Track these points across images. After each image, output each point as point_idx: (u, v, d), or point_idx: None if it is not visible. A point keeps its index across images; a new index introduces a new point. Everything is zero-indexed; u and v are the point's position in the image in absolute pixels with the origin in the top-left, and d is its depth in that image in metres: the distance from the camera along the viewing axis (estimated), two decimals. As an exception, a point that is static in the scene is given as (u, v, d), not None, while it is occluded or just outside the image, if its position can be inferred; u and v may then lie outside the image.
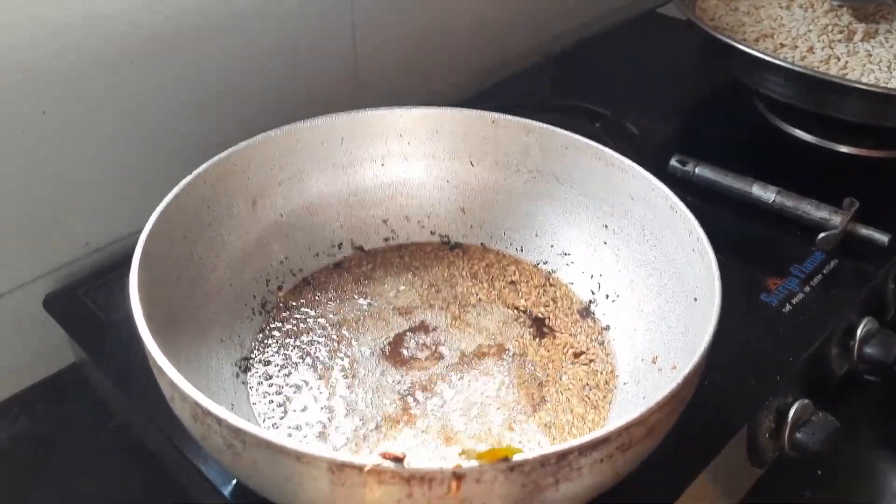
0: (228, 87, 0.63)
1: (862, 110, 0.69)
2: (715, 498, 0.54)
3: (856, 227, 0.65)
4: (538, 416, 0.47)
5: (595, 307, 0.53)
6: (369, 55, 0.73)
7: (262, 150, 0.53)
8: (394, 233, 0.58)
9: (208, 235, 0.50)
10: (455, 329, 0.52)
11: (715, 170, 0.69)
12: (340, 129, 0.56)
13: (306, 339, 0.51)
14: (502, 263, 0.57)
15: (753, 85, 0.74)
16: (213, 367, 0.47)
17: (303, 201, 0.56)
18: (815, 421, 0.55)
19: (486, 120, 0.56)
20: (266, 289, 0.53)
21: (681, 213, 0.48)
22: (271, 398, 0.47)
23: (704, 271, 0.45)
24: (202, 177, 0.49)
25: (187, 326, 0.47)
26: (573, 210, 0.55)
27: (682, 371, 0.38)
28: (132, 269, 0.42)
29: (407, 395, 0.48)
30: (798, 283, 0.62)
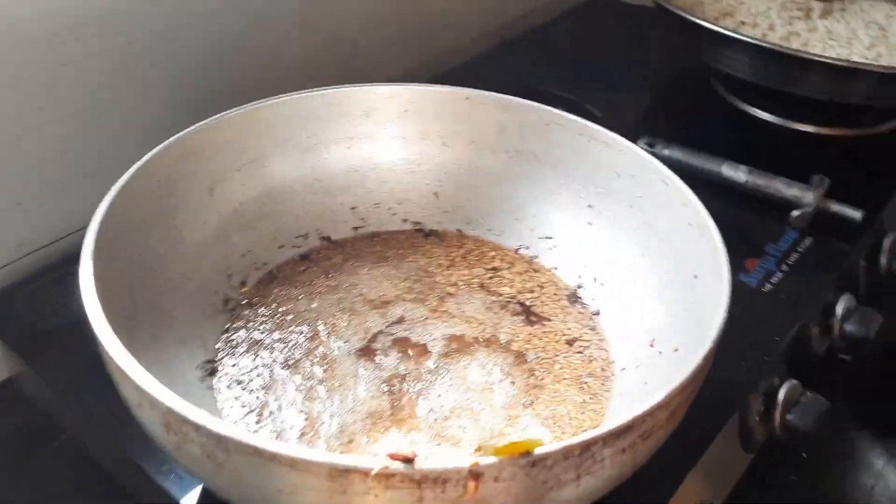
0: (173, 69, 0.58)
1: (825, 86, 0.68)
2: (710, 486, 0.52)
3: (827, 203, 0.64)
4: (535, 409, 0.44)
5: (583, 292, 0.51)
6: (317, 43, 0.69)
7: (219, 131, 0.48)
8: (363, 221, 0.54)
9: (163, 226, 0.45)
10: (437, 321, 0.49)
11: (684, 151, 0.68)
12: (303, 109, 0.51)
13: (276, 338, 0.47)
14: (481, 250, 0.54)
15: (716, 64, 0.73)
16: (176, 372, 0.42)
17: (264, 188, 0.51)
18: (804, 402, 0.54)
19: (458, 97, 0.52)
20: (228, 284, 0.49)
21: (674, 186, 0.45)
22: (243, 403, 0.43)
23: (706, 245, 0.43)
24: (155, 161, 0.44)
25: (144, 328, 0.42)
26: (555, 190, 0.52)
27: (701, 349, 0.36)
28: (83, 263, 0.37)
29: (392, 393, 0.44)
30: (775, 263, 0.61)
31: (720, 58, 0.72)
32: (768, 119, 0.76)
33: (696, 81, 0.81)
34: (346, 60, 0.71)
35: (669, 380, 0.41)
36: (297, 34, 0.66)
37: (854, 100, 0.69)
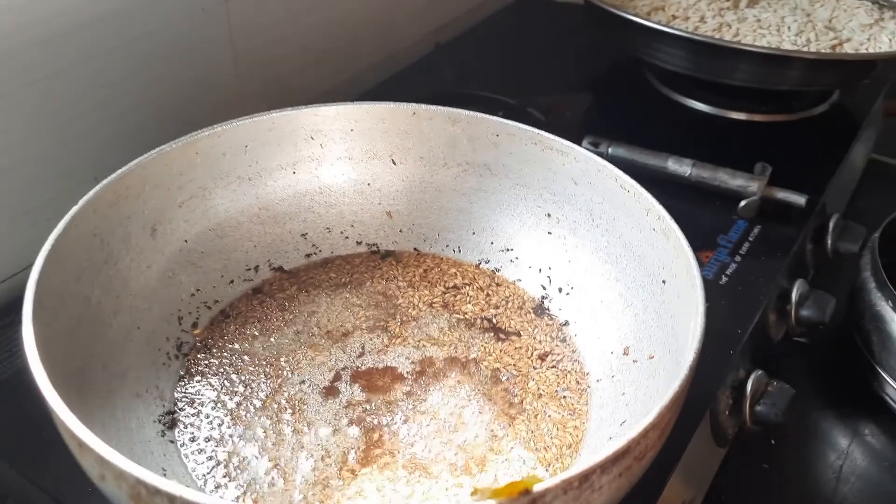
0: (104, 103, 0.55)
1: (759, 75, 0.69)
2: (689, 486, 0.52)
3: (772, 191, 0.64)
4: (515, 430, 0.42)
5: (549, 303, 0.50)
6: (249, 59, 0.66)
7: (157, 167, 0.45)
8: (315, 247, 0.52)
9: (105, 275, 0.43)
10: (402, 347, 0.47)
11: (628, 148, 0.67)
12: (244, 136, 0.49)
13: (236, 381, 0.45)
14: (441, 267, 0.52)
15: (650, 59, 0.73)
16: (134, 429, 0.40)
17: (208, 223, 0.49)
18: (771, 391, 0.54)
19: (405, 112, 0.51)
20: (180, 328, 0.46)
21: (634, 192, 0.45)
22: (208, 455, 0.41)
23: (672, 251, 0.42)
24: (91, 205, 0.41)
25: (96, 385, 0.39)
26: (511, 202, 0.51)
27: (684, 361, 0.35)
28: (25, 326, 0.34)
29: (363, 429, 0.42)
30: (728, 254, 0.61)
31: (654, 52, 0.72)
32: (703, 109, 0.77)
33: (631, 76, 0.81)
34: (281, 81, 0.69)
35: (647, 388, 0.41)
36: (229, 58, 0.63)
37: (787, 86, 0.70)
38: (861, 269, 0.65)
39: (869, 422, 0.62)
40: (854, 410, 0.63)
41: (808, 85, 0.72)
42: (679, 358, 0.39)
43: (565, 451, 0.41)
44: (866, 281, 0.63)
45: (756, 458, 0.60)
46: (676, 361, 0.39)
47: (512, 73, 0.81)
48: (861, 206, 0.80)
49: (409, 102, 0.51)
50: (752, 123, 0.76)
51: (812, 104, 0.76)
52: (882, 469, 0.59)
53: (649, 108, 0.78)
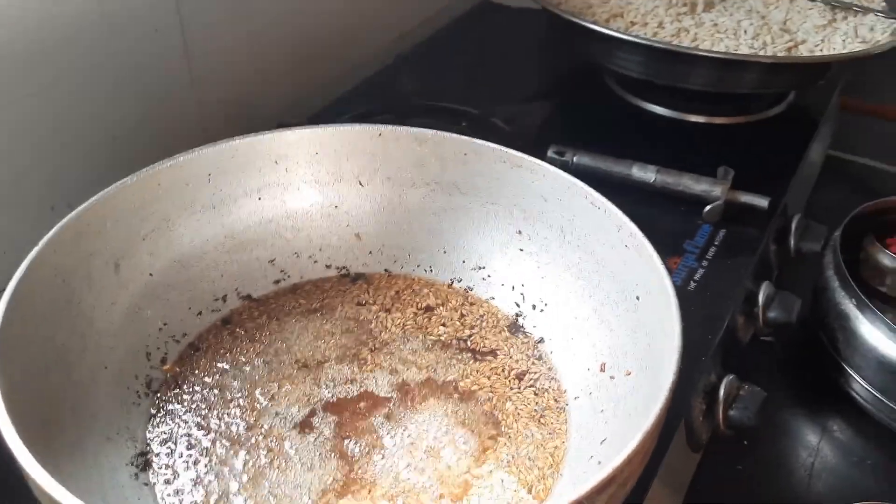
0: (56, 133, 0.53)
1: (718, 79, 0.70)
2: (668, 494, 0.52)
3: (736, 194, 0.65)
4: (496, 453, 0.42)
5: (523, 320, 0.49)
6: (207, 79, 0.65)
7: (118, 201, 0.44)
8: (284, 273, 0.52)
9: (69, 316, 0.41)
10: (377, 373, 0.47)
11: (593, 156, 0.67)
12: (206, 165, 0.48)
13: (208, 418, 0.44)
14: (413, 288, 0.52)
15: (610, 65, 0.73)
16: (106, 474, 0.39)
17: (173, 254, 0.48)
18: (743, 395, 0.55)
19: (371, 134, 0.50)
20: (148, 364, 0.45)
21: (605, 209, 0.45)
22: (185, 496, 0.40)
23: (644, 267, 0.42)
24: (51, 246, 0.40)
25: (65, 432, 0.38)
26: (481, 220, 0.51)
27: (664, 380, 0.35)
28: (-10, 380, 0.33)
29: (343, 459, 0.42)
30: (695, 259, 0.61)
31: (614, 59, 0.73)
32: (663, 113, 0.77)
33: (591, 81, 0.82)
34: (240, 100, 0.68)
35: (625, 405, 0.41)
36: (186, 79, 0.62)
37: (745, 89, 0.71)
38: (824, 267, 0.66)
39: (837, 418, 0.63)
40: (822, 407, 0.64)
41: (766, 88, 0.73)
42: (657, 374, 0.39)
43: (547, 472, 0.41)
44: (829, 280, 0.64)
45: (730, 461, 0.61)
46: (654, 377, 0.39)
47: (473, 83, 0.81)
48: (820, 202, 0.81)
49: (375, 123, 0.50)
50: (712, 126, 0.77)
51: (769, 105, 0.78)
52: (851, 464, 0.60)
53: (610, 113, 0.79)
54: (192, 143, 0.49)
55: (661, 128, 0.76)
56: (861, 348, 0.61)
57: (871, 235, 0.66)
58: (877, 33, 0.72)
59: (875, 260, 0.66)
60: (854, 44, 0.71)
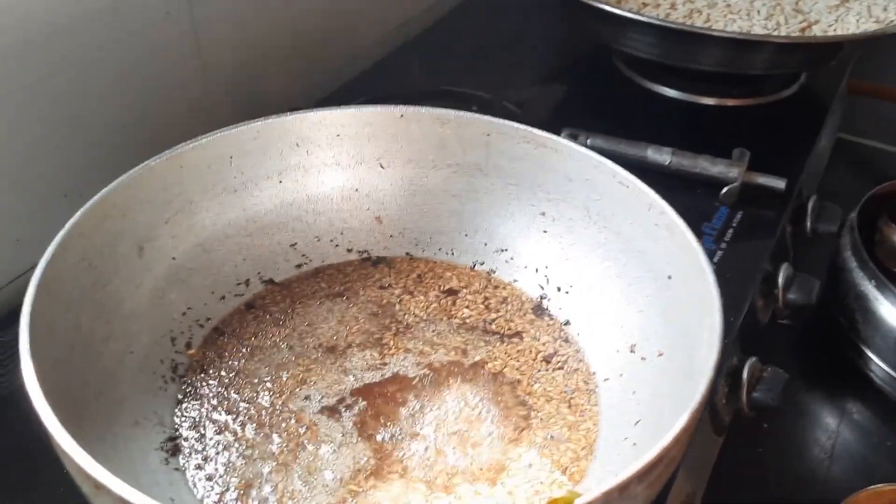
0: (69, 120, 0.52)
1: (731, 60, 0.70)
2: (693, 478, 0.52)
3: (752, 176, 0.65)
4: (528, 436, 0.42)
5: (548, 302, 0.49)
6: (217, 63, 0.64)
7: (142, 184, 0.43)
8: (306, 257, 0.51)
9: (94, 299, 0.41)
10: (402, 356, 0.46)
11: (607, 139, 0.67)
12: (228, 147, 0.47)
13: (235, 402, 0.43)
14: (435, 272, 0.51)
15: (620, 46, 0.73)
16: (137, 459, 0.38)
17: (196, 238, 0.47)
18: (766, 377, 0.55)
19: (392, 115, 0.50)
20: (173, 349, 0.44)
21: (634, 188, 0.44)
22: (216, 481, 0.39)
23: (675, 246, 0.42)
24: (77, 228, 0.39)
25: (94, 417, 0.37)
26: (503, 202, 0.51)
27: (708, 356, 0.35)
28: (24, 363, 0.32)
29: (373, 443, 0.41)
30: (713, 241, 0.61)
31: (626, 41, 0.72)
32: (674, 95, 0.77)
33: (601, 64, 0.81)
34: (250, 85, 0.67)
35: (659, 386, 0.41)
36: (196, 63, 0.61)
37: (758, 70, 0.71)
38: (841, 248, 0.66)
39: (856, 400, 0.63)
40: (841, 390, 0.64)
41: (779, 68, 0.72)
42: (692, 354, 0.39)
43: (581, 454, 0.41)
44: (847, 260, 0.64)
45: (751, 444, 0.61)
46: (689, 357, 0.39)
47: (482, 66, 0.80)
48: (831, 186, 0.81)
49: (397, 105, 0.49)
50: (724, 108, 0.76)
51: (781, 87, 0.77)
52: (871, 446, 0.60)
53: (620, 96, 0.78)
54: (202, 129, 0.48)
55: (672, 110, 0.76)
56: (881, 329, 0.61)
57: (885, 217, 0.66)
58: (890, 13, 0.72)
59: (890, 241, 0.66)
60: (868, 23, 0.71)
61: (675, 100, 0.76)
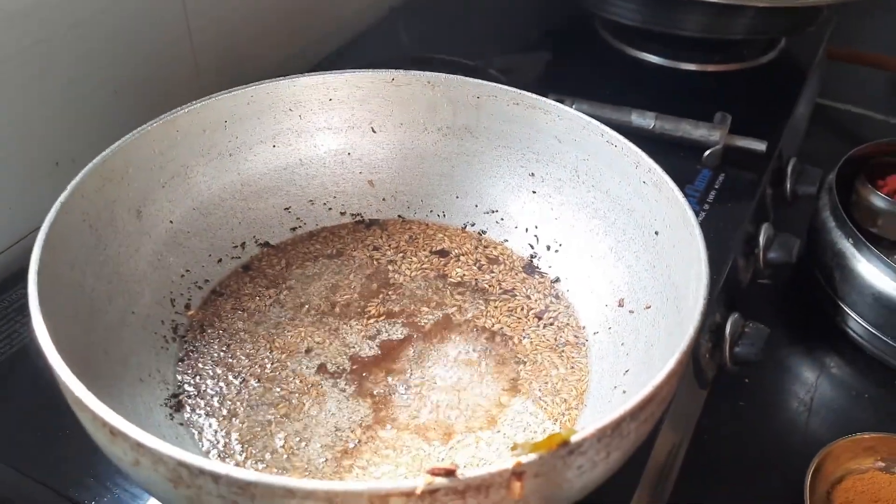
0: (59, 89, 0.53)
1: (712, 25, 0.71)
2: (678, 429, 0.54)
3: (733, 139, 0.66)
4: (521, 388, 0.43)
5: (538, 261, 0.50)
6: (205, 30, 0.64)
7: (140, 147, 0.44)
8: (300, 220, 0.52)
9: (96, 261, 0.41)
10: (398, 314, 0.47)
11: (592, 104, 0.68)
12: (222, 111, 0.48)
13: (236, 358, 0.44)
14: (427, 233, 0.52)
15: (603, 12, 0.74)
16: (143, 414, 0.39)
17: (192, 202, 0.48)
18: (748, 332, 0.56)
19: (383, 79, 0.50)
20: (173, 310, 0.45)
21: (622, 146, 0.46)
22: (221, 434, 0.40)
23: (664, 202, 0.43)
24: (79, 190, 0.40)
25: (101, 374, 0.38)
26: (493, 163, 0.52)
27: (695, 307, 0.36)
28: (35, 318, 0.33)
29: (373, 398, 0.43)
30: (696, 203, 0.62)
31: (609, 7, 0.73)
32: (656, 61, 0.78)
33: (585, 31, 0.82)
34: (237, 52, 0.67)
35: (648, 337, 0.42)
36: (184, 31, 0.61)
37: (739, 35, 0.72)
38: (820, 209, 0.68)
39: (834, 355, 0.65)
40: (820, 345, 0.66)
41: (759, 33, 0.74)
42: (679, 305, 0.40)
43: (572, 404, 0.42)
44: (826, 220, 0.66)
45: (734, 398, 0.63)
46: (677, 309, 0.40)
47: (467, 34, 0.81)
48: (811, 149, 0.83)
49: (388, 69, 0.50)
50: (705, 73, 0.77)
51: (761, 53, 0.79)
52: (849, 398, 0.63)
53: (604, 63, 0.79)
54: (191, 97, 0.49)
55: (655, 76, 0.77)
56: (857, 286, 0.63)
57: (862, 177, 0.68)
58: (867, -21, 0.73)
59: (867, 202, 0.68)
60: (845, -11, 0.72)
61: (658, 66, 0.78)
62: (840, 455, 0.55)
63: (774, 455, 0.61)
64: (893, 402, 0.62)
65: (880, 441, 0.55)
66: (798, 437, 0.60)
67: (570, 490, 0.32)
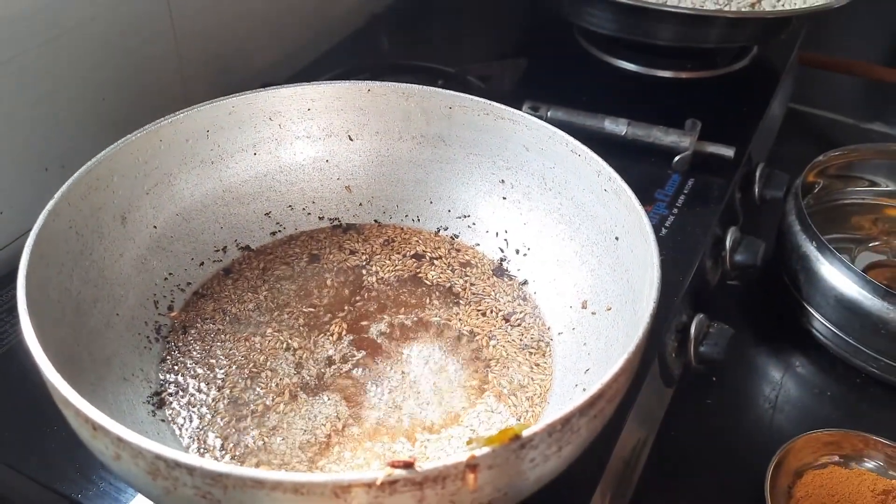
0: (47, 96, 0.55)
1: (685, 34, 0.73)
2: (644, 425, 0.56)
3: (703, 145, 0.68)
4: (487, 389, 0.45)
5: (508, 264, 0.53)
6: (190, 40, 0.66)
7: (124, 157, 0.46)
8: (280, 225, 0.54)
9: (82, 265, 0.43)
10: (373, 316, 0.50)
11: (566, 111, 0.70)
12: (205, 121, 0.50)
13: (216, 359, 0.46)
14: (402, 237, 0.54)
15: (580, 22, 0.76)
16: (126, 412, 0.41)
17: (175, 208, 0.50)
18: (713, 332, 0.59)
19: (360, 90, 0.52)
20: (156, 311, 0.47)
21: (585, 156, 0.48)
22: (201, 430, 0.42)
23: (623, 209, 0.45)
24: (66, 198, 0.42)
25: (85, 373, 0.40)
26: (465, 170, 0.54)
27: (645, 309, 0.38)
28: (24, 323, 0.35)
29: (347, 396, 0.45)
30: (665, 207, 0.65)
31: (585, 16, 0.75)
32: (633, 69, 0.80)
33: (562, 39, 0.84)
34: (222, 60, 0.69)
35: (608, 338, 0.44)
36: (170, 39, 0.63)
37: (710, 44, 0.74)
38: (786, 213, 0.70)
39: (799, 355, 0.67)
40: (785, 345, 0.68)
41: (730, 42, 0.76)
42: (636, 307, 0.42)
43: (536, 402, 0.45)
44: (791, 224, 0.68)
45: (700, 396, 0.65)
46: (634, 311, 0.43)
47: (448, 42, 0.83)
48: (782, 153, 0.85)
49: (364, 80, 0.52)
50: (679, 81, 0.80)
51: (734, 60, 0.81)
52: (812, 396, 0.65)
53: (582, 70, 0.81)
54: (177, 104, 0.51)
55: (630, 83, 0.79)
56: (821, 288, 0.65)
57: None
58: (834, -11, 0.76)
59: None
60: (814, -1, 0.75)
61: (633, 73, 0.80)
62: (801, 450, 0.58)
63: (740, 451, 0.63)
64: (854, 399, 0.64)
65: (840, 437, 0.57)
66: (763, 433, 0.62)
67: (525, 482, 0.34)
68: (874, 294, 0.62)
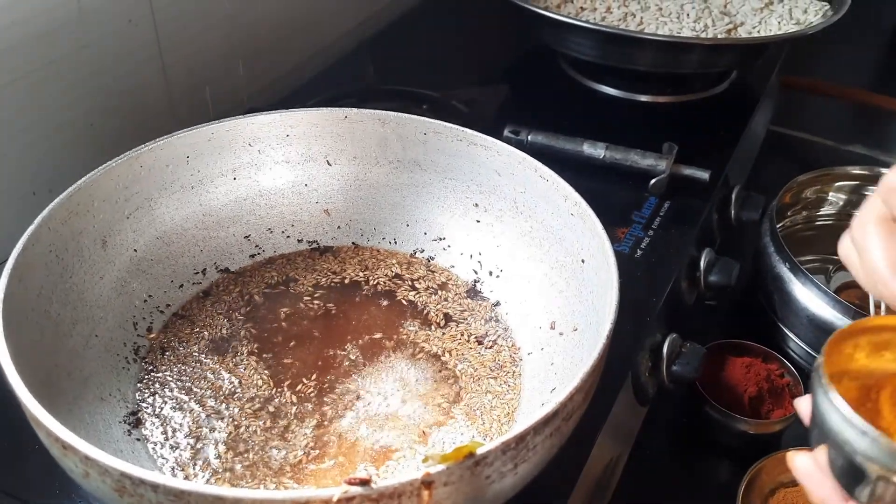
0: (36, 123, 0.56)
1: (663, 60, 0.75)
2: (617, 443, 0.57)
3: (679, 168, 0.70)
4: (458, 408, 0.47)
5: (481, 286, 0.54)
6: (177, 67, 0.68)
7: (105, 182, 0.48)
8: (259, 248, 0.55)
9: (62, 288, 0.45)
10: (348, 337, 0.51)
11: (546, 135, 0.72)
12: (184, 147, 0.51)
13: (192, 381, 0.48)
14: (378, 259, 0.56)
15: (562, 48, 0.78)
16: (101, 430, 0.43)
17: (155, 231, 0.51)
18: (685, 352, 0.60)
19: (337, 116, 0.54)
20: (135, 333, 0.49)
21: (553, 181, 0.49)
22: (174, 449, 0.44)
23: (588, 233, 0.47)
24: (46, 223, 0.44)
25: (63, 393, 0.42)
26: (440, 194, 0.55)
27: (602, 329, 0.39)
28: (2, 348, 0.36)
29: (320, 417, 0.46)
30: (642, 228, 0.66)
31: (565, 43, 0.77)
32: (613, 94, 0.82)
33: (544, 64, 0.86)
34: (210, 86, 0.71)
35: (573, 357, 0.46)
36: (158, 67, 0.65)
37: (688, 69, 0.76)
38: (762, 235, 0.71)
39: (774, 373, 0.68)
40: (760, 363, 0.69)
41: (708, 68, 0.78)
42: (599, 329, 0.44)
43: (503, 420, 0.46)
44: (766, 246, 0.70)
45: (675, 414, 0.66)
46: (597, 332, 0.44)
47: (433, 67, 0.85)
48: (761, 175, 0.87)
49: (341, 107, 0.54)
50: (659, 105, 0.81)
51: (712, 84, 0.82)
52: (788, 415, 0.66)
53: (563, 94, 0.83)
54: (164, 128, 0.52)
55: (610, 107, 0.81)
56: (794, 308, 0.66)
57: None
58: (809, 15, 0.77)
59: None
60: (789, 25, 0.76)
61: (613, 97, 0.82)
62: (773, 469, 0.59)
63: (713, 469, 0.64)
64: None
65: (810, 455, 0.58)
66: (736, 452, 0.63)
67: (482, 499, 0.35)
68: (845, 314, 0.63)
